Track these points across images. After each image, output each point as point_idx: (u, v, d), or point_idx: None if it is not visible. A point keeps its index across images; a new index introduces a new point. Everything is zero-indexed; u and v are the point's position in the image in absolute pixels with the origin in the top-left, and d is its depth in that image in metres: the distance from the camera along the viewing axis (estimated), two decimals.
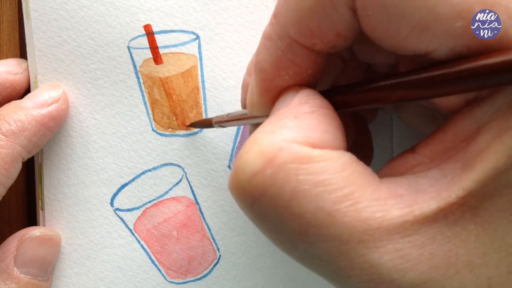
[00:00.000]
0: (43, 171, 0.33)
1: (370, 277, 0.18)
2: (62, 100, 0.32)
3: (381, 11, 0.18)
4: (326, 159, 0.18)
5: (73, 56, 0.32)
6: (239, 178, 0.19)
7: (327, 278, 0.20)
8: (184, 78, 0.32)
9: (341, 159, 0.19)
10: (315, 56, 0.21)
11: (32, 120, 0.30)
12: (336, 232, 0.18)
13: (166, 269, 0.33)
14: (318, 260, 0.19)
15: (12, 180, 0.30)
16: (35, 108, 0.30)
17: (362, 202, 0.18)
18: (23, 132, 0.29)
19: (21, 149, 0.30)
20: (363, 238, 0.18)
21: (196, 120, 0.33)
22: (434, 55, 0.18)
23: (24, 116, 0.30)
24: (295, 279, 0.33)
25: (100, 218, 0.33)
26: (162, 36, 0.32)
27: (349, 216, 0.18)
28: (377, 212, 0.18)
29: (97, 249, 0.33)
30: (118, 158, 0.33)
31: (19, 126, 0.29)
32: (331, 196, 0.18)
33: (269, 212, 0.19)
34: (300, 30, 0.20)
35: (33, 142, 0.30)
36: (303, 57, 0.21)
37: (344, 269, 0.18)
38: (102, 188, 0.33)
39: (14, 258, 0.30)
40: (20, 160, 0.30)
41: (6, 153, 0.29)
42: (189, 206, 0.33)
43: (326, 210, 0.18)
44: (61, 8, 0.32)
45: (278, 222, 0.19)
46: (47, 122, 0.30)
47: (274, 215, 0.19)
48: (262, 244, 0.33)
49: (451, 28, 0.17)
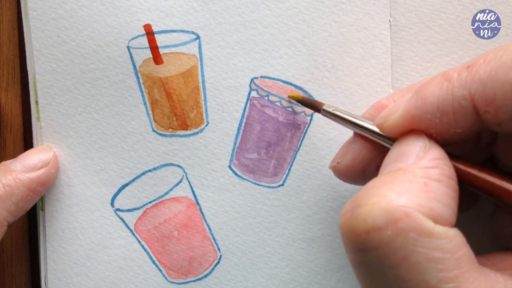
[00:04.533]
0: None
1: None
2: (52, 164, 0.31)
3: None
4: (444, 238, 0.19)
5: (72, 56, 0.32)
6: (357, 225, 0.20)
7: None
8: (184, 78, 0.32)
9: (455, 240, 0.20)
10: (476, 121, 0.22)
11: (21, 185, 0.30)
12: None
13: (167, 270, 0.33)
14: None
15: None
16: (24, 172, 0.30)
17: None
18: (11, 197, 0.29)
19: (7, 214, 0.30)
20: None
21: (196, 118, 0.32)
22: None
23: (12, 181, 0.30)
24: (295, 280, 0.33)
25: (100, 219, 0.33)
26: (162, 36, 0.32)
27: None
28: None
29: (97, 249, 0.33)
30: (118, 159, 0.33)
31: (7, 191, 0.29)
32: (439, 274, 0.19)
33: (375, 265, 0.20)
34: (486, 96, 0.21)
35: (19, 206, 0.30)
36: (466, 116, 0.22)
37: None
38: (103, 189, 0.33)
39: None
40: (5, 225, 0.30)
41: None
42: (189, 206, 0.33)
43: (429, 285, 0.19)
44: (60, 7, 0.31)
45: (380, 276, 0.20)
46: (35, 187, 0.30)
47: (378, 270, 0.20)
48: (263, 245, 0.33)
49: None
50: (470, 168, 0.23)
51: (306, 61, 0.32)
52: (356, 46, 0.32)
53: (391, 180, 0.21)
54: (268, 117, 0.32)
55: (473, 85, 0.21)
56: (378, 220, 0.20)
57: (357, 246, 0.20)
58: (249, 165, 0.33)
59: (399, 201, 0.20)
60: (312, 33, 0.32)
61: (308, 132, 0.32)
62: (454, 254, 0.19)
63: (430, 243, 0.19)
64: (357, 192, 0.22)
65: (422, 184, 0.20)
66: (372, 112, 0.28)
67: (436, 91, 0.22)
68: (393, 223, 0.19)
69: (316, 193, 0.32)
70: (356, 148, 0.27)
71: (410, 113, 0.23)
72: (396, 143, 0.24)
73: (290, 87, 0.32)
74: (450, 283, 0.19)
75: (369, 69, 0.32)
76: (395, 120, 0.24)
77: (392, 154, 0.23)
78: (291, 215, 0.33)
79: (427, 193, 0.20)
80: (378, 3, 0.32)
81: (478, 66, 0.21)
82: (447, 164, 0.22)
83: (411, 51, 0.32)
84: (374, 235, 0.20)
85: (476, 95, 0.21)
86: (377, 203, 0.20)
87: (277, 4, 0.32)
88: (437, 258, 0.19)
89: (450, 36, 0.32)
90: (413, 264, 0.19)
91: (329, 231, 0.33)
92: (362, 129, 0.27)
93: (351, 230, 0.20)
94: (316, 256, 0.33)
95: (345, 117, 0.27)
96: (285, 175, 0.33)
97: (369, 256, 0.20)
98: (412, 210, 0.20)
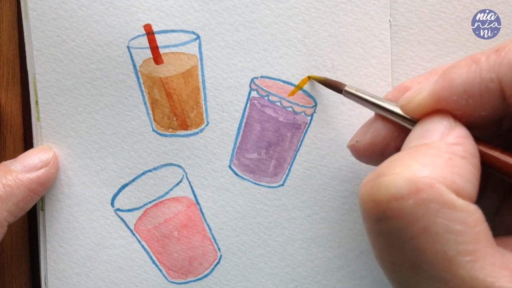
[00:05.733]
0: None
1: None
2: (52, 164, 0.31)
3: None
4: (465, 211, 0.20)
5: (72, 56, 0.32)
6: (379, 193, 0.20)
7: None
8: (184, 78, 0.32)
9: (475, 215, 0.20)
10: (502, 105, 0.22)
11: (21, 186, 0.30)
12: (447, 278, 0.19)
13: (167, 270, 0.33)
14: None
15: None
16: (24, 172, 0.30)
17: (479, 262, 0.19)
18: (11, 197, 0.29)
19: (8, 215, 0.29)
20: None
21: (197, 118, 0.32)
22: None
23: (13, 181, 0.30)
24: (295, 280, 0.33)
25: (100, 219, 0.33)
26: (162, 36, 0.32)
27: (465, 270, 0.19)
28: (489, 276, 0.19)
29: (97, 249, 0.33)
30: (118, 159, 0.33)
31: (7, 191, 0.29)
32: (458, 247, 0.19)
33: (393, 235, 0.20)
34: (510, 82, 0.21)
35: (20, 207, 0.30)
36: (492, 99, 0.22)
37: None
38: (103, 189, 0.33)
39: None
40: (5, 225, 0.30)
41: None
42: (189, 206, 0.33)
43: (447, 256, 0.19)
44: (60, 7, 0.31)
45: (397, 247, 0.20)
46: (35, 187, 0.30)
47: (397, 240, 0.20)
48: (263, 245, 0.33)
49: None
50: (492, 150, 0.23)
51: (306, 61, 0.32)
52: (356, 46, 0.32)
53: (416, 153, 0.21)
54: (268, 117, 0.32)
55: (502, 68, 0.21)
56: (400, 189, 0.20)
57: (377, 215, 0.20)
58: (249, 165, 0.33)
59: (423, 172, 0.20)
60: (312, 33, 0.32)
61: (308, 132, 0.32)
62: (474, 228, 0.19)
63: (451, 215, 0.19)
64: (380, 165, 0.22)
65: (446, 158, 0.21)
66: (396, 94, 0.28)
67: (464, 73, 0.22)
68: (415, 193, 0.19)
69: (316, 193, 0.32)
70: (377, 128, 0.27)
71: (437, 94, 0.23)
72: (420, 122, 0.24)
73: (290, 87, 0.32)
74: (468, 256, 0.19)
75: (369, 69, 0.32)
76: (420, 101, 0.24)
77: (416, 132, 0.23)
78: (291, 215, 0.33)
79: (451, 167, 0.20)
80: (378, 3, 0.32)
81: (507, 50, 0.21)
82: (472, 143, 0.22)
83: (411, 51, 0.32)
84: (396, 204, 0.20)
85: (504, 79, 0.21)
86: (401, 172, 0.20)
87: (277, 4, 0.32)
88: (457, 230, 0.19)
89: (450, 36, 0.32)
90: (433, 234, 0.19)
91: (329, 231, 0.33)
92: (384, 111, 0.26)
93: (372, 199, 0.20)
94: (316, 256, 0.33)
95: (367, 98, 0.27)
96: (285, 175, 0.33)
97: (389, 225, 0.20)
98: (435, 182, 0.20)
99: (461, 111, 0.23)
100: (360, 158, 0.28)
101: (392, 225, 0.20)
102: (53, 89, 0.32)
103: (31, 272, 0.35)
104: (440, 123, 0.23)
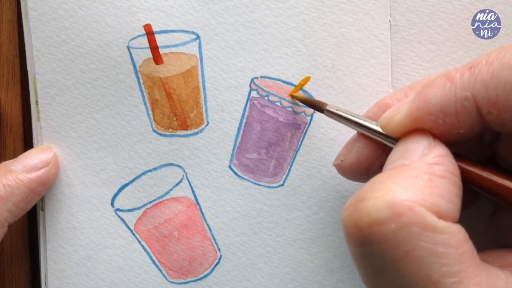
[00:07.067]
0: None
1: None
2: (52, 164, 0.31)
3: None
4: (447, 233, 0.20)
5: (72, 56, 0.32)
6: (360, 218, 0.20)
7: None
8: (184, 78, 0.32)
9: (458, 235, 0.20)
10: (479, 122, 0.22)
11: (21, 186, 0.30)
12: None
13: (167, 270, 0.33)
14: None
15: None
16: (25, 172, 0.30)
17: (464, 283, 0.19)
18: (11, 198, 0.29)
19: (8, 215, 0.29)
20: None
21: (197, 118, 0.32)
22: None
23: (13, 181, 0.30)
24: (295, 280, 0.33)
25: (100, 219, 0.33)
26: (162, 36, 0.32)
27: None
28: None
29: (97, 249, 0.33)
30: (118, 159, 0.33)
31: (7, 191, 0.29)
32: (442, 269, 0.19)
33: (377, 259, 0.20)
34: (488, 97, 0.21)
35: (20, 207, 0.30)
36: (468, 117, 0.22)
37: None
38: (103, 189, 0.33)
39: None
40: (6, 225, 0.30)
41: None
42: (189, 206, 0.33)
43: (432, 279, 0.19)
44: (60, 7, 0.31)
45: (382, 271, 0.20)
46: (35, 187, 0.30)
47: (381, 264, 0.20)
48: (263, 245, 0.33)
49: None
50: (473, 166, 0.23)
51: (306, 61, 0.32)
52: (356, 46, 0.32)
53: (396, 175, 0.21)
54: (268, 117, 0.32)
55: (476, 86, 0.21)
56: (382, 213, 0.20)
57: (360, 240, 0.20)
58: (249, 165, 0.33)
59: (403, 195, 0.20)
60: (312, 33, 0.32)
61: (308, 132, 0.32)
62: (457, 249, 0.19)
63: (433, 237, 0.19)
64: (361, 187, 0.22)
65: (426, 179, 0.21)
66: (375, 111, 0.28)
67: (439, 93, 0.22)
68: (396, 217, 0.19)
69: (316, 193, 0.32)
70: (360, 146, 0.27)
71: (414, 114, 0.23)
72: (400, 142, 0.24)
73: (290, 87, 0.32)
74: (452, 278, 0.19)
75: (369, 69, 0.32)
76: (398, 121, 0.24)
77: (396, 152, 0.23)
78: (291, 215, 0.33)
79: (431, 189, 0.20)
80: (378, 3, 0.32)
81: (481, 67, 0.21)
82: (451, 162, 0.22)
83: (411, 51, 0.32)
84: (378, 229, 0.20)
85: (479, 96, 0.21)
86: (381, 196, 0.20)
87: (277, 4, 0.32)
88: (440, 253, 0.19)
89: (450, 36, 0.32)
90: (416, 258, 0.19)
91: (329, 231, 0.33)
92: (365, 129, 0.27)
93: (354, 224, 0.20)
94: (316, 256, 0.33)
95: (348, 117, 0.27)
96: (285, 175, 0.33)
97: (372, 250, 0.20)
98: (416, 205, 0.20)
99: (439, 130, 0.23)
100: (346, 176, 0.29)
101: (376, 250, 0.20)
102: (53, 89, 0.32)
103: (31, 272, 0.35)
104: (419, 142, 0.23)
